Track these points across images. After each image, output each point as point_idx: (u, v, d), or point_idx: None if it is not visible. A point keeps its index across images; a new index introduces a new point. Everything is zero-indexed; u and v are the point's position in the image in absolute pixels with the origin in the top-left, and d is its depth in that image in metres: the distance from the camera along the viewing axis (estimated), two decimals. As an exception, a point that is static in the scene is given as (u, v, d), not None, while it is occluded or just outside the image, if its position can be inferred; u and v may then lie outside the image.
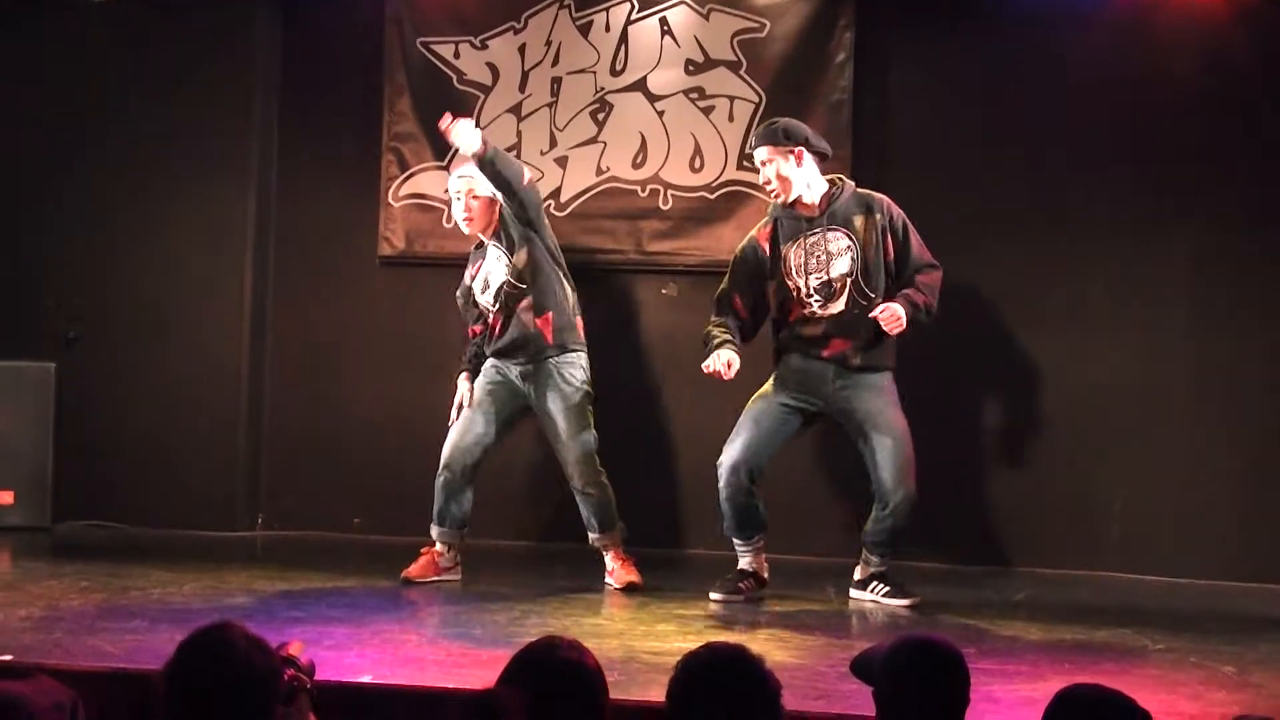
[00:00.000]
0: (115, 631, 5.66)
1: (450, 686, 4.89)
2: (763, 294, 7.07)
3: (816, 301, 6.95)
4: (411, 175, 8.57)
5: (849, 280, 6.94)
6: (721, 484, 6.93)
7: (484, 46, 8.53)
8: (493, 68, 8.53)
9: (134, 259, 8.66)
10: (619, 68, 8.45)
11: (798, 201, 7.01)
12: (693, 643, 3.70)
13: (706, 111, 8.37)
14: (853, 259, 6.94)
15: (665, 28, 8.39)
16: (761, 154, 7.05)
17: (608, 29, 8.44)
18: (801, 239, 6.99)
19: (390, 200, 8.60)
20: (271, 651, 3.67)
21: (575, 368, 7.24)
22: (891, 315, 6.82)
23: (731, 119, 8.34)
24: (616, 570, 7.19)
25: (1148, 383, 8.08)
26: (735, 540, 7.06)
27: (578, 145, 8.46)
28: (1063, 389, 8.15)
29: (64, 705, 3.73)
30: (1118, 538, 8.05)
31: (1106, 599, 7.38)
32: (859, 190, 7.10)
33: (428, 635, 6.09)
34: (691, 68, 8.39)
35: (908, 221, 7.07)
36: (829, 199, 7.02)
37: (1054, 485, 8.16)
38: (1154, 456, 8.07)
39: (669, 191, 8.40)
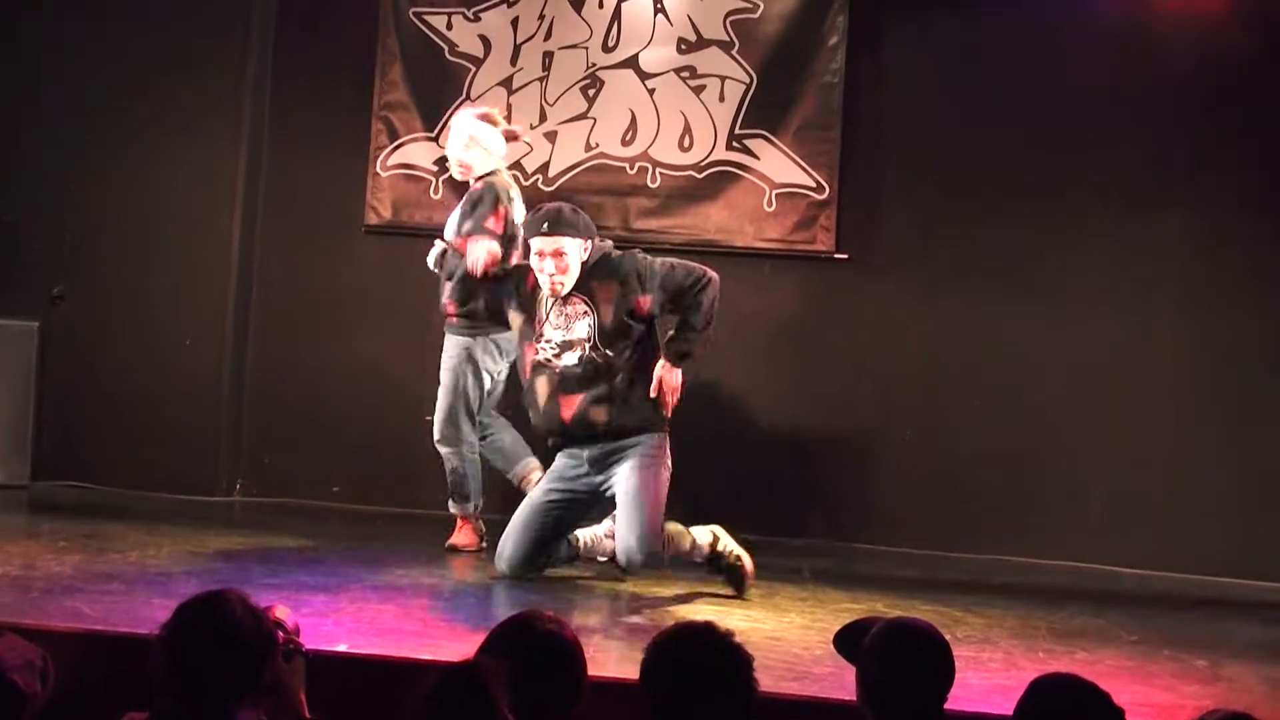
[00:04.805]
0: (92, 593, 5.64)
1: (426, 658, 4.89)
2: None
3: None
4: (401, 145, 8.56)
5: None
6: None
7: (477, 19, 8.51)
8: (485, 40, 8.52)
9: (120, 220, 8.62)
10: (611, 44, 8.43)
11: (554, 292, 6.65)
12: (668, 621, 3.72)
13: (697, 91, 8.36)
14: None
15: (658, 6, 8.38)
16: (561, 243, 6.56)
17: (601, 5, 8.42)
18: None
19: (378, 169, 8.59)
20: (266, 619, 3.70)
21: None
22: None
23: (722, 99, 8.34)
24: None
25: (1133, 369, 8.11)
26: None
27: (567, 120, 8.45)
28: (1045, 371, 8.17)
29: (34, 663, 3.75)
30: (1096, 524, 8.07)
31: (1083, 588, 7.41)
32: None
33: (405, 606, 6.08)
34: (683, 46, 8.38)
35: None
36: None
37: (1034, 471, 8.18)
38: (1135, 443, 8.10)
39: (657, 169, 8.40)
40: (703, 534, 6.63)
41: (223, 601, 3.64)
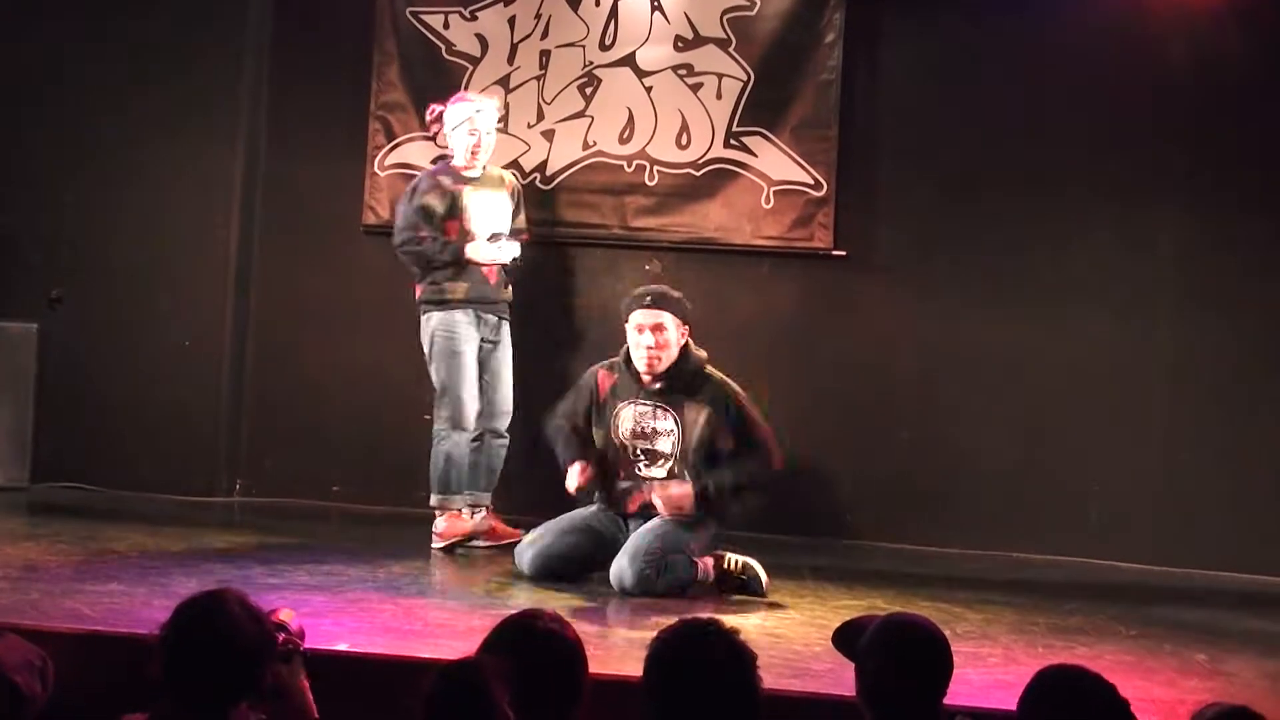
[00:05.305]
0: (92, 594, 5.65)
1: (427, 656, 4.89)
2: None
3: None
4: (398, 145, 8.56)
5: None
6: None
7: (474, 18, 8.51)
8: (482, 39, 8.51)
9: (118, 222, 8.63)
10: (608, 42, 8.43)
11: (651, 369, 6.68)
12: (670, 619, 3.72)
13: (695, 88, 8.36)
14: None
15: (655, 3, 8.38)
16: (663, 317, 6.67)
17: (598, 3, 8.42)
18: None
19: (376, 169, 8.59)
20: (264, 619, 3.70)
21: None
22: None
23: (719, 96, 8.33)
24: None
25: (1131, 368, 8.10)
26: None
27: (565, 119, 8.44)
28: (1043, 369, 8.17)
29: (34, 664, 3.76)
30: (1095, 521, 8.07)
31: (1082, 584, 7.41)
32: None
33: (405, 604, 6.09)
34: (680, 44, 8.37)
35: None
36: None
37: (1033, 468, 8.18)
38: (1133, 441, 8.10)
39: (655, 167, 8.39)
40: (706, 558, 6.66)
41: (221, 601, 3.64)
